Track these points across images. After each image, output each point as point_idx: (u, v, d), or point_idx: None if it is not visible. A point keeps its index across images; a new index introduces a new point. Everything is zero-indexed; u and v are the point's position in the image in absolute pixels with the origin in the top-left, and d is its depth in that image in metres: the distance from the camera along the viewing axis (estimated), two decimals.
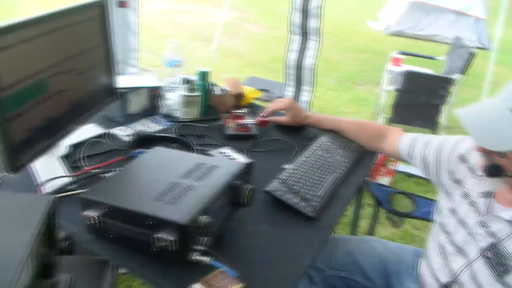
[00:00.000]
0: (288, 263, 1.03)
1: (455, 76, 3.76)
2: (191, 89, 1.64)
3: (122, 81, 1.51)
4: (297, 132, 1.70)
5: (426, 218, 1.69)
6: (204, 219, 0.90)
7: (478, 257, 1.04)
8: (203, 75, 1.71)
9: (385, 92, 3.96)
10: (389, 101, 3.89)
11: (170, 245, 0.88)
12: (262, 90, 4.47)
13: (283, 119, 1.66)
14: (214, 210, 0.97)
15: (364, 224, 2.66)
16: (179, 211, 0.90)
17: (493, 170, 0.95)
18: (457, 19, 8.60)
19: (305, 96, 3.21)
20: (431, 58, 4.56)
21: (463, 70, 3.73)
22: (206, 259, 0.91)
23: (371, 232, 1.69)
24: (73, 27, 1.18)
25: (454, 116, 0.94)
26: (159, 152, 1.19)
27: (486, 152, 0.96)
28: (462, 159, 1.20)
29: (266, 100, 4.41)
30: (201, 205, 0.92)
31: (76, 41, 1.21)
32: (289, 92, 3.23)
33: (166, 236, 0.88)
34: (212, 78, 1.78)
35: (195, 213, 0.89)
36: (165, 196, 0.96)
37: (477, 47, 7.89)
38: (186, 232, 0.88)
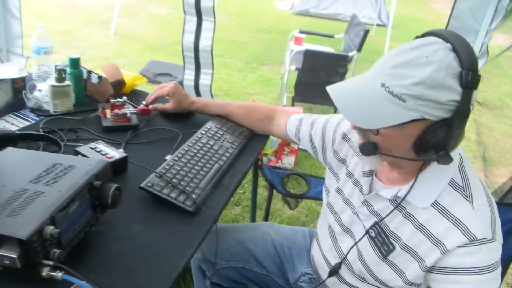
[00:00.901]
0: (162, 264, 0.94)
1: (352, 53, 3.87)
2: (60, 79, 1.46)
3: None
4: (183, 119, 1.60)
5: (320, 197, 1.70)
6: (50, 229, 0.78)
7: (363, 236, 1.04)
8: (74, 62, 1.53)
9: (288, 71, 3.98)
10: (293, 81, 3.92)
11: (14, 262, 0.76)
12: (164, 74, 4.31)
13: (167, 106, 1.55)
14: (69, 216, 0.86)
15: (271, 206, 2.67)
16: (20, 224, 0.77)
17: (367, 148, 0.92)
18: None
19: (205, 80, 3.10)
20: (331, 36, 4.67)
21: (359, 47, 3.84)
22: (58, 274, 0.80)
23: (266, 217, 1.66)
24: None
25: None
26: (10, 154, 1.03)
27: (360, 130, 0.94)
28: (345, 138, 1.19)
29: None
30: (47, 215, 0.80)
31: None
32: (189, 75, 3.11)
33: (7, 253, 0.76)
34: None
35: (38, 225, 0.77)
36: (8, 206, 0.82)
37: (377, 24, 8.31)
38: (29, 247, 0.75)
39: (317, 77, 3.77)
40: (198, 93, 3.13)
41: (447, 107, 0.80)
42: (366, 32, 3.82)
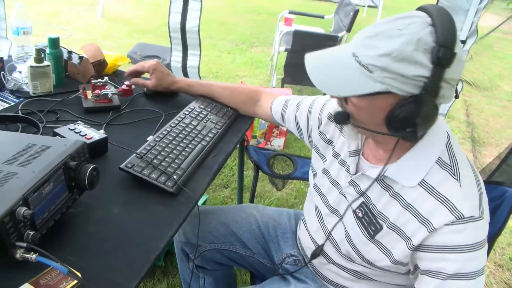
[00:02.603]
0: (141, 246, 0.93)
1: (342, 33, 3.83)
2: (39, 59, 1.43)
3: None
4: (166, 100, 1.58)
5: (306, 178, 1.69)
6: (23, 211, 0.76)
7: (351, 217, 1.02)
8: (53, 42, 1.49)
9: (277, 53, 3.94)
10: (282, 62, 3.88)
11: None
12: (152, 56, 4.25)
13: (147, 82, 1.52)
14: (43, 197, 0.84)
15: (260, 188, 2.67)
16: None
17: (340, 116, 0.91)
18: None
19: (192, 61, 3.05)
20: (321, 17, 4.61)
21: (349, 28, 3.81)
22: (32, 256, 0.78)
23: (252, 198, 1.65)
24: None
25: None
26: None
27: (338, 100, 0.93)
28: (331, 118, 1.16)
29: None
30: (19, 195, 0.77)
31: None
32: (176, 57, 3.06)
33: None
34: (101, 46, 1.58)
35: (10, 206, 0.75)
36: None
37: (368, 6, 8.24)
38: (1, 229, 0.74)
39: None
40: (186, 75, 3.09)
41: (415, 83, 0.77)
42: (356, 12, 3.78)
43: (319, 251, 1.12)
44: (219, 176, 2.72)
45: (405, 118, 0.80)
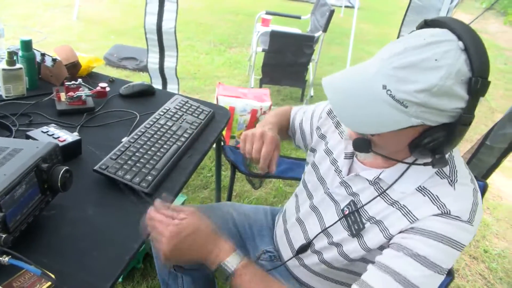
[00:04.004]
0: (116, 246, 0.93)
1: (318, 33, 3.87)
2: (11, 62, 1.41)
3: None
4: (142, 101, 1.58)
5: (282, 176, 1.71)
6: None
7: (334, 215, 1.02)
8: (26, 45, 1.48)
9: (255, 53, 3.96)
10: (260, 63, 3.90)
11: None
12: (129, 58, 4.22)
13: None
14: (15, 200, 0.83)
15: (239, 188, 2.68)
16: None
17: (362, 145, 0.87)
18: None
19: (170, 62, 3.05)
20: (297, 17, 4.64)
21: (325, 27, 3.84)
22: (4, 259, 0.78)
23: (229, 197, 1.67)
24: None
25: (321, 73, 0.84)
26: None
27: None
28: (330, 114, 1.16)
29: (135, 69, 4.17)
30: None
31: None
32: (153, 58, 3.05)
33: None
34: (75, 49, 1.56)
35: None
36: None
37: (345, 6, 8.33)
38: None
39: (283, 58, 3.76)
40: (163, 76, 3.08)
41: (451, 114, 0.76)
42: (332, 12, 3.82)
43: (304, 248, 1.10)
44: (197, 177, 2.72)
45: (434, 145, 0.79)
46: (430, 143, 0.78)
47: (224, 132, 2.67)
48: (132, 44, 4.76)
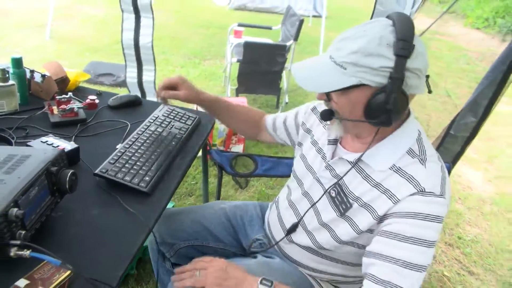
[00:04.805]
0: (122, 242, 1.01)
1: (290, 42, 4.02)
2: (4, 79, 1.48)
3: None
4: (130, 111, 1.66)
5: (267, 174, 1.82)
6: (15, 212, 0.84)
7: (323, 198, 1.15)
8: (17, 62, 1.55)
9: (230, 64, 4.08)
10: (235, 73, 4.01)
11: None
12: (106, 74, 4.27)
13: (179, 92, 1.36)
14: (30, 200, 0.91)
15: (223, 193, 2.76)
16: None
17: (326, 114, 1.05)
18: None
19: (148, 76, 3.13)
20: (268, 28, 4.79)
21: (296, 36, 4.00)
22: (26, 252, 0.85)
23: (218, 198, 1.76)
24: None
25: (294, 80, 1.00)
26: None
27: (324, 100, 1.06)
28: (314, 110, 1.33)
29: (113, 85, 4.23)
30: (10, 198, 0.85)
31: None
32: (131, 73, 3.12)
33: None
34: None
35: (3, 207, 0.82)
36: None
37: (313, 16, 8.57)
38: None
39: (258, 67, 3.89)
40: (142, 90, 3.15)
41: (382, 73, 0.91)
42: (301, 21, 3.98)
43: (294, 227, 1.22)
44: (182, 185, 2.80)
45: (378, 106, 0.93)
46: (375, 103, 0.94)
47: None
48: (106, 60, 4.82)
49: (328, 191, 1.13)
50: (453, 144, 1.78)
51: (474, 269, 2.44)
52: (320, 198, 1.15)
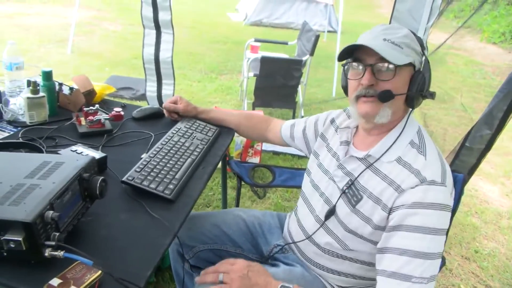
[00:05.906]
0: (149, 244, 1.06)
1: (306, 57, 4.08)
2: (35, 91, 1.56)
3: None
4: (153, 123, 1.73)
5: (285, 185, 1.85)
6: (51, 214, 0.89)
7: (337, 194, 1.21)
8: (47, 75, 1.63)
9: (247, 78, 4.15)
10: (251, 87, 4.08)
11: (20, 245, 0.86)
12: (126, 88, 4.37)
13: (178, 106, 1.73)
14: (64, 204, 0.97)
15: (240, 204, 2.80)
16: (23, 210, 0.88)
17: (386, 94, 1.10)
18: (308, 6, 9.33)
19: (167, 90, 3.21)
20: (284, 43, 4.87)
21: (312, 51, 4.06)
22: (60, 253, 0.90)
23: (237, 205, 1.80)
24: None
25: (309, 95, 1.06)
26: None
27: (372, 85, 1.11)
28: (332, 122, 1.40)
29: (132, 98, 4.33)
30: (46, 201, 0.90)
31: None
32: (151, 87, 3.21)
33: (13, 237, 0.86)
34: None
35: (40, 209, 0.88)
36: (9, 198, 0.92)
37: (328, 31, 8.66)
38: (33, 229, 0.86)
39: (274, 81, 3.96)
40: (161, 104, 3.23)
41: (419, 59, 1.11)
42: (317, 37, 4.05)
43: (330, 213, 1.24)
44: (200, 197, 2.84)
45: (420, 83, 1.10)
46: (416, 81, 1.10)
47: None
48: (126, 75, 4.94)
49: (342, 188, 1.20)
50: (468, 156, 1.79)
51: (491, 283, 2.42)
52: (336, 197, 1.21)
